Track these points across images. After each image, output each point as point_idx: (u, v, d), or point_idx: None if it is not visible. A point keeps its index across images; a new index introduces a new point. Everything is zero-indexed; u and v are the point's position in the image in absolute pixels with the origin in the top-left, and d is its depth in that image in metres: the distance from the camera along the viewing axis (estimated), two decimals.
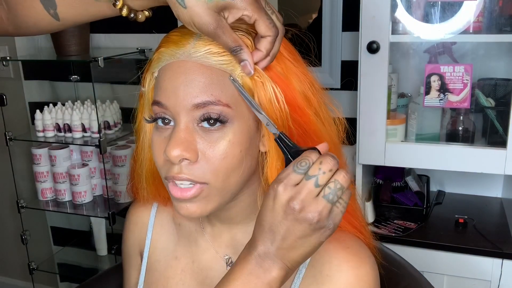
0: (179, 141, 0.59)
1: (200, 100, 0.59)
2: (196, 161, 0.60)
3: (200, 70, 0.60)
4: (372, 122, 1.45)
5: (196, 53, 0.60)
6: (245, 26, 0.60)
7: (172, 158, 0.59)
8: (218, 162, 0.60)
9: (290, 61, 0.64)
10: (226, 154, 0.60)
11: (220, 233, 0.74)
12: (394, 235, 1.49)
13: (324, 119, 0.67)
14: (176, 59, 0.61)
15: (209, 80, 0.59)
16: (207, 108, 0.59)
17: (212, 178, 0.61)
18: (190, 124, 0.60)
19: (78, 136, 1.80)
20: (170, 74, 0.61)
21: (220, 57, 0.60)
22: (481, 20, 1.37)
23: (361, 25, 1.38)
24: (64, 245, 2.31)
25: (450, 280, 1.45)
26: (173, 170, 0.61)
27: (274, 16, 0.58)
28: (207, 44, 0.60)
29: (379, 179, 1.70)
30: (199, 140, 0.60)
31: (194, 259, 0.76)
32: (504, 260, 1.38)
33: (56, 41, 1.84)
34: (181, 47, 0.61)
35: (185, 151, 0.59)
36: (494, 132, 1.44)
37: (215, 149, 0.60)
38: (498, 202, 1.70)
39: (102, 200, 1.93)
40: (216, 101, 0.59)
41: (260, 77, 0.60)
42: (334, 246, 0.66)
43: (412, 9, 1.41)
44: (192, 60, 0.60)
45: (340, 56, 1.77)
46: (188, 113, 0.60)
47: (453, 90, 1.39)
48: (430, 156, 1.44)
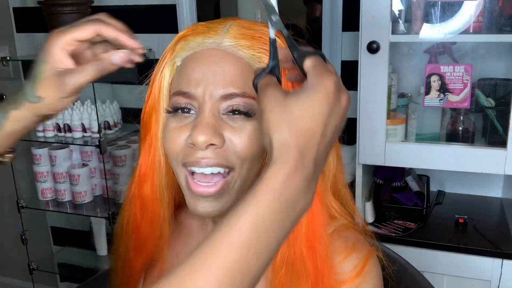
0: (207, 126, 0.58)
1: (228, 91, 0.59)
2: (222, 146, 0.59)
3: (230, 60, 0.60)
4: (372, 122, 1.45)
5: (226, 42, 0.60)
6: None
7: (199, 143, 0.58)
8: (245, 148, 0.60)
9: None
10: (252, 141, 0.60)
11: None
12: (394, 235, 1.49)
13: None
14: (205, 47, 0.61)
15: (239, 70, 0.60)
16: (234, 100, 0.59)
17: (238, 163, 0.60)
18: (216, 112, 0.60)
19: (78, 136, 1.80)
20: (200, 62, 0.61)
21: (249, 50, 0.60)
22: (481, 20, 1.37)
23: (361, 25, 1.38)
24: (64, 245, 2.31)
25: (450, 280, 1.45)
26: (197, 154, 0.59)
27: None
28: (237, 36, 0.61)
29: (379, 179, 1.70)
30: (225, 127, 0.60)
31: None
32: (504, 260, 1.38)
33: None
34: (210, 37, 0.61)
35: (213, 136, 0.58)
36: (494, 132, 1.44)
37: (242, 135, 0.60)
38: (498, 202, 1.70)
39: (102, 200, 1.93)
40: (242, 94, 0.59)
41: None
42: (338, 245, 0.66)
43: (412, 9, 1.41)
44: (222, 48, 0.60)
45: (340, 56, 1.77)
46: (215, 103, 0.59)
47: (453, 90, 1.39)
48: (430, 156, 1.44)
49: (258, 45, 0.61)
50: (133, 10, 1.94)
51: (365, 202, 1.58)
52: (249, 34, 0.61)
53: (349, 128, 0.68)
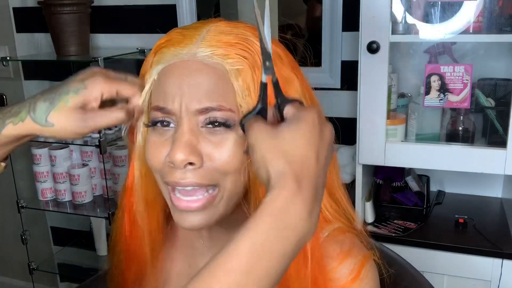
0: (184, 144, 0.57)
1: (204, 105, 0.57)
2: (202, 165, 0.58)
3: (205, 72, 0.58)
4: (372, 122, 1.45)
5: (201, 53, 0.58)
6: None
7: (177, 163, 0.56)
8: (225, 164, 0.58)
9: (292, 72, 0.63)
10: (234, 155, 0.58)
11: (217, 237, 0.71)
12: (394, 235, 1.49)
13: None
14: (180, 59, 0.59)
15: (215, 83, 0.58)
16: (210, 114, 0.57)
17: (221, 178, 0.59)
18: (194, 127, 0.58)
19: None
20: (174, 76, 0.59)
21: (224, 59, 0.58)
22: (481, 20, 1.37)
23: (361, 25, 1.38)
24: (64, 245, 2.31)
25: (450, 280, 1.45)
26: (176, 175, 0.58)
27: (128, 77, 0.62)
28: (212, 45, 0.59)
29: (379, 179, 1.70)
30: (204, 143, 0.58)
31: (190, 262, 0.74)
32: (504, 260, 1.38)
33: (56, 41, 1.83)
34: (184, 47, 0.59)
35: (191, 155, 0.57)
36: (494, 132, 1.44)
37: (222, 150, 0.58)
38: (498, 202, 1.70)
39: (102, 200, 1.93)
40: (218, 107, 0.57)
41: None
42: (333, 250, 0.66)
43: (412, 9, 1.41)
44: (197, 59, 0.58)
45: (340, 56, 1.77)
46: (191, 118, 0.58)
47: (453, 90, 1.39)
48: (430, 156, 1.44)
49: (234, 52, 0.58)
50: (133, 10, 1.94)
51: (365, 202, 1.58)
52: (225, 41, 0.59)
53: (349, 128, 0.68)
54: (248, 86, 0.58)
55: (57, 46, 1.84)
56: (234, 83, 0.58)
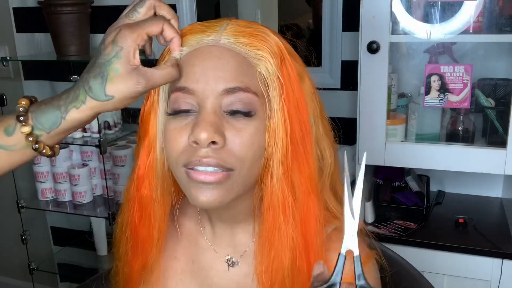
0: (209, 123, 0.58)
1: (231, 85, 0.59)
2: (224, 146, 0.59)
3: (231, 55, 0.60)
4: (372, 122, 1.45)
5: (225, 39, 0.61)
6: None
7: (202, 140, 0.57)
8: (246, 149, 0.60)
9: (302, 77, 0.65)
10: (253, 142, 0.60)
11: (220, 233, 0.73)
12: (394, 235, 1.49)
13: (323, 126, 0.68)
14: (204, 44, 0.61)
15: (240, 66, 0.60)
16: (237, 94, 0.59)
17: (239, 164, 0.60)
18: (217, 109, 0.59)
19: (78, 136, 1.80)
20: (199, 58, 0.60)
21: (247, 47, 0.61)
22: (481, 20, 1.37)
23: (361, 25, 1.38)
24: (64, 245, 2.31)
25: (450, 280, 1.45)
26: (199, 153, 0.59)
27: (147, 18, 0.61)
28: (235, 34, 0.61)
29: (379, 179, 1.70)
30: (227, 126, 0.60)
31: (194, 259, 0.76)
32: (504, 260, 1.38)
33: (56, 41, 1.83)
34: (208, 34, 0.61)
35: (216, 133, 0.58)
36: (494, 132, 1.44)
37: (243, 136, 0.60)
38: (498, 202, 1.70)
39: (102, 200, 1.93)
40: (245, 88, 0.59)
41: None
42: (336, 248, 0.66)
43: (412, 9, 1.41)
44: (221, 45, 0.61)
45: (340, 56, 1.77)
46: (217, 98, 0.59)
47: (453, 90, 1.39)
48: (430, 156, 1.44)
49: (256, 42, 0.61)
50: None
51: (365, 202, 1.58)
52: (247, 32, 0.62)
53: (349, 128, 0.69)
54: (270, 74, 0.61)
55: (57, 46, 1.84)
56: (257, 69, 0.61)
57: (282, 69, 0.61)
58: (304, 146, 0.63)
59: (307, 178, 0.63)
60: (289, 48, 0.65)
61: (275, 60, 0.61)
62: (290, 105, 0.61)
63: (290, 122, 0.61)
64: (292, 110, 0.62)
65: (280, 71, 0.61)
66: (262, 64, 0.61)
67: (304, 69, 0.66)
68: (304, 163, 0.63)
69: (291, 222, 0.63)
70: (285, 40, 0.65)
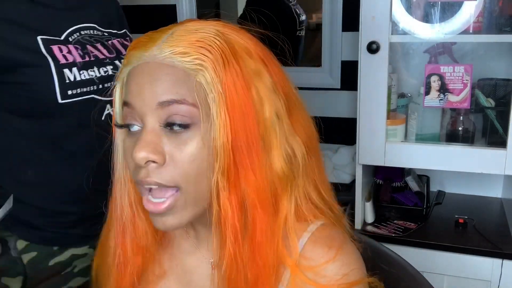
0: (145, 143, 0.58)
1: (165, 98, 0.58)
2: (164, 164, 0.59)
3: (165, 70, 0.59)
4: (372, 122, 1.45)
5: (161, 54, 0.60)
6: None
7: (138, 160, 0.58)
8: (187, 165, 0.59)
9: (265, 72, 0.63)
10: (195, 157, 0.59)
11: (203, 237, 0.71)
12: (394, 235, 1.49)
13: (297, 120, 0.66)
14: (143, 61, 0.61)
15: (174, 79, 0.59)
16: (173, 107, 0.58)
17: (182, 181, 0.59)
18: (156, 126, 0.59)
19: None
20: (136, 75, 0.61)
21: (184, 57, 0.59)
22: (481, 20, 1.37)
23: (361, 25, 1.38)
24: None
25: (450, 280, 1.45)
26: (140, 173, 0.59)
27: None
28: (173, 44, 0.60)
29: (379, 179, 1.70)
30: (166, 142, 0.59)
31: (177, 262, 0.75)
32: (504, 260, 1.39)
33: None
34: (147, 49, 0.61)
35: (152, 153, 0.58)
36: (494, 132, 1.44)
37: (183, 151, 0.59)
38: (498, 202, 1.70)
39: None
40: (181, 100, 0.58)
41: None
42: (320, 248, 0.66)
43: (412, 9, 1.41)
44: (157, 61, 0.60)
45: (340, 56, 1.77)
46: (154, 113, 0.59)
47: (453, 90, 1.39)
48: (430, 156, 1.44)
49: (194, 50, 0.59)
50: (133, 10, 1.95)
51: (365, 202, 1.58)
52: (186, 40, 0.60)
53: (349, 128, 0.68)
54: (208, 83, 0.59)
55: None
56: (196, 80, 0.59)
57: (226, 75, 0.59)
58: (250, 155, 0.60)
59: (253, 190, 0.61)
60: (240, 47, 0.62)
61: (215, 66, 0.59)
62: (233, 113, 0.59)
63: (233, 131, 0.59)
64: (236, 118, 0.59)
65: (222, 78, 0.59)
66: (200, 73, 0.59)
67: (263, 64, 0.63)
68: (249, 174, 0.61)
69: (237, 237, 0.61)
70: (242, 36, 0.63)
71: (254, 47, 0.63)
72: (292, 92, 0.67)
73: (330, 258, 0.65)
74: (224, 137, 0.58)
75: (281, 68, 0.66)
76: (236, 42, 0.62)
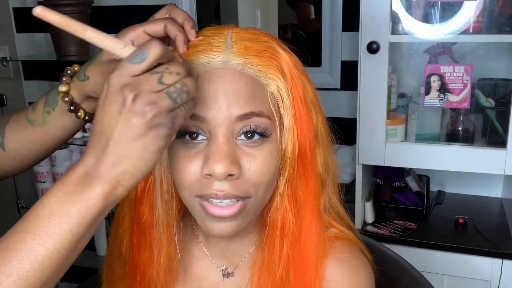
0: (224, 155, 0.55)
1: (245, 111, 0.56)
2: (240, 177, 0.56)
3: (243, 79, 0.57)
4: (372, 122, 1.45)
5: (233, 60, 0.57)
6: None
7: (218, 175, 0.54)
8: (262, 176, 0.57)
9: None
10: (269, 167, 0.58)
11: (215, 243, 0.71)
12: (394, 235, 1.49)
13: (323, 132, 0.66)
14: (212, 67, 0.57)
15: (252, 89, 0.57)
16: (251, 120, 0.56)
17: (254, 191, 0.58)
18: (230, 138, 0.56)
19: (78, 136, 1.80)
20: (208, 84, 0.56)
21: (257, 67, 0.57)
22: (481, 20, 1.37)
23: (361, 25, 1.38)
24: None
25: (450, 280, 1.45)
26: (214, 186, 0.56)
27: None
28: (242, 52, 0.58)
29: (379, 179, 1.70)
30: (241, 154, 0.57)
31: (186, 268, 0.73)
32: (504, 260, 1.38)
33: (56, 41, 1.83)
34: (214, 54, 0.57)
35: (232, 166, 0.55)
36: (494, 132, 1.44)
37: (258, 162, 0.57)
38: (498, 202, 1.70)
39: None
40: (259, 113, 0.56)
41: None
42: (329, 261, 0.66)
43: (412, 9, 1.41)
44: (230, 67, 0.57)
45: (340, 56, 1.77)
46: (229, 126, 0.56)
47: (453, 90, 1.39)
48: (430, 156, 1.44)
49: (266, 60, 0.58)
50: (133, 10, 1.94)
51: (365, 202, 1.58)
52: (254, 49, 0.58)
53: (349, 128, 0.68)
54: (280, 93, 0.59)
55: (57, 46, 1.84)
56: (268, 89, 0.59)
57: (292, 87, 0.59)
58: (311, 164, 0.62)
59: (310, 196, 0.63)
60: (294, 60, 0.62)
61: (284, 78, 0.59)
62: (300, 124, 0.60)
63: (299, 141, 0.60)
64: (302, 128, 0.60)
65: (289, 89, 0.59)
66: (273, 84, 0.58)
67: (307, 77, 0.63)
68: (309, 181, 0.62)
69: (290, 240, 0.62)
70: (288, 50, 0.62)
71: (297, 62, 0.63)
72: (318, 103, 0.67)
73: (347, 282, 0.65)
74: (294, 146, 0.60)
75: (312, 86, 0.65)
76: (289, 54, 0.62)
